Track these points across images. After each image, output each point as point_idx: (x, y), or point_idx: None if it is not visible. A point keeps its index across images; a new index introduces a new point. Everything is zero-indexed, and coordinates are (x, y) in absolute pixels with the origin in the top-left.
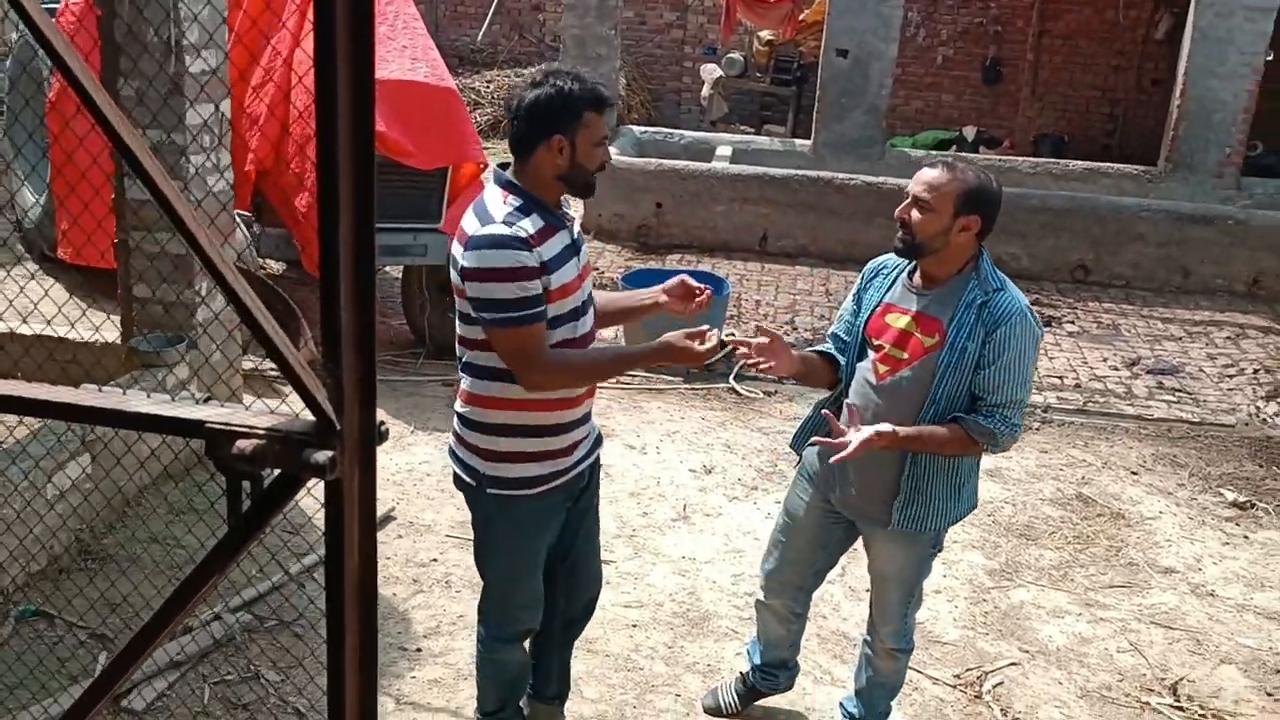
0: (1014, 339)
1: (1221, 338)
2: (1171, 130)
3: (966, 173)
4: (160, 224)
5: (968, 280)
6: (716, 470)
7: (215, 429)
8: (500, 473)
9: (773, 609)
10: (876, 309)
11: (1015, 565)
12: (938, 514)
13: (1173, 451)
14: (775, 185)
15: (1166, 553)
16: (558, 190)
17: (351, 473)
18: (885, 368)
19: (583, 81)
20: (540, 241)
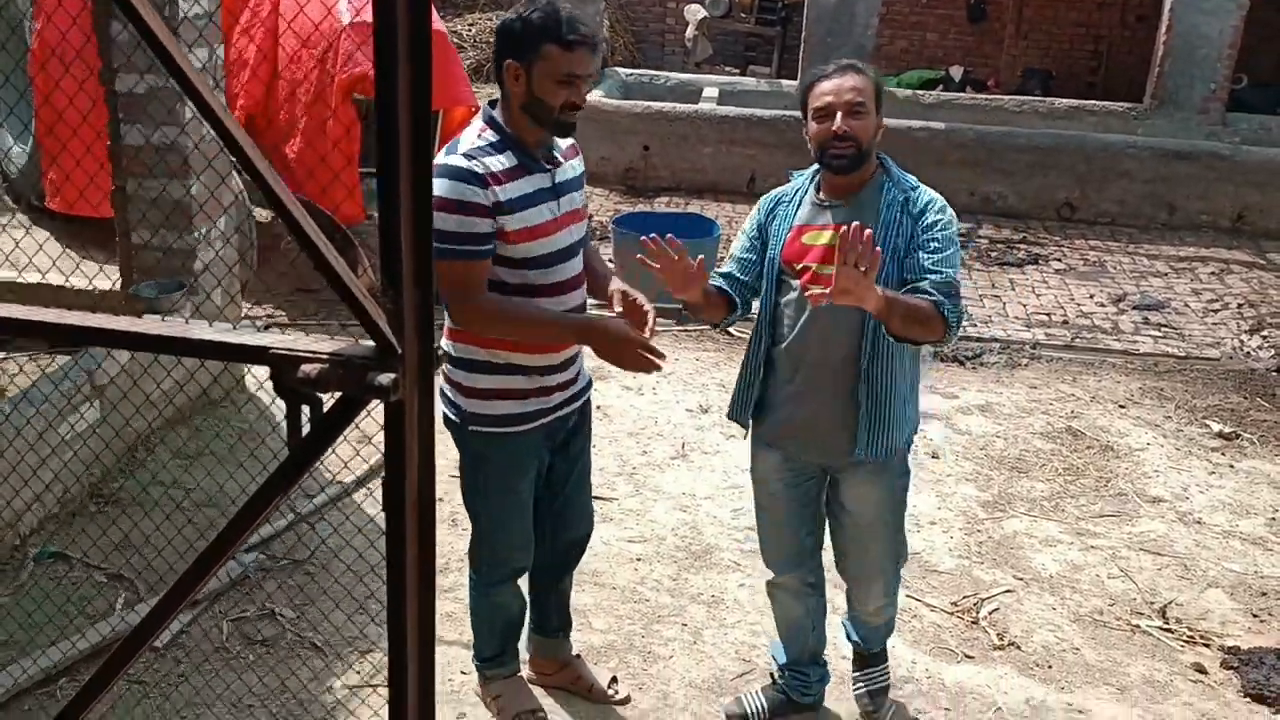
0: (943, 220)
1: (1206, 273)
2: (1157, 67)
3: (865, 68)
4: (158, 169)
5: (881, 183)
6: (712, 409)
7: (280, 354)
8: (481, 409)
9: (784, 586)
10: (788, 235)
11: (1007, 497)
12: (897, 433)
13: (1159, 385)
14: (762, 126)
15: (1154, 483)
16: (532, 126)
17: (412, 394)
18: (819, 288)
19: (551, 14)
20: (504, 181)
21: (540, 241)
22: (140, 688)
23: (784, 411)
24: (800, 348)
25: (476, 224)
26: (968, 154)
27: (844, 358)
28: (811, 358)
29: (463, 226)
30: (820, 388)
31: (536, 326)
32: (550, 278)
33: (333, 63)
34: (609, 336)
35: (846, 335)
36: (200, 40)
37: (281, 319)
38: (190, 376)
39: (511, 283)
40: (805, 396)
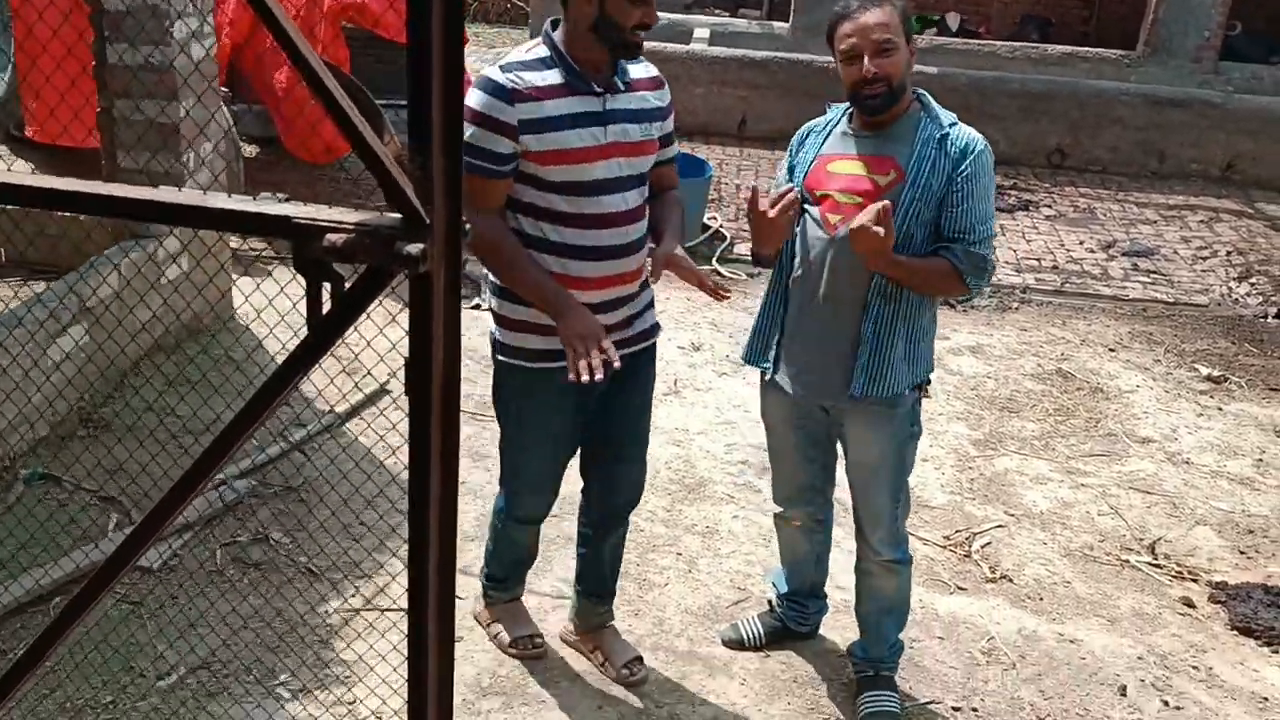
0: (983, 172)
1: (1195, 221)
2: (1150, 14)
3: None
4: (146, 90)
5: (916, 117)
6: (704, 347)
7: (302, 223)
8: (509, 340)
9: (793, 520)
10: (813, 164)
11: (999, 435)
12: (899, 375)
13: (1149, 330)
14: (754, 68)
15: (1144, 424)
16: (596, 47)
17: (439, 266)
18: (837, 216)
19: None
20: (541, 98)
21: (573, 168)
22: (130, 607)
23: (791, 351)
24: (813, 280)
25: (494, 141)
26: (959, 99)
27: (854, 295)
28: (824, 291)
29: (479, 140)
30: (826, 323)
31: (516, 274)
32: (581, 208)
33: None
34: (575, 326)
35: (860, 271)
36: None
37: (268, 253)
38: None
39: (539, 205)
40: (811, 333)
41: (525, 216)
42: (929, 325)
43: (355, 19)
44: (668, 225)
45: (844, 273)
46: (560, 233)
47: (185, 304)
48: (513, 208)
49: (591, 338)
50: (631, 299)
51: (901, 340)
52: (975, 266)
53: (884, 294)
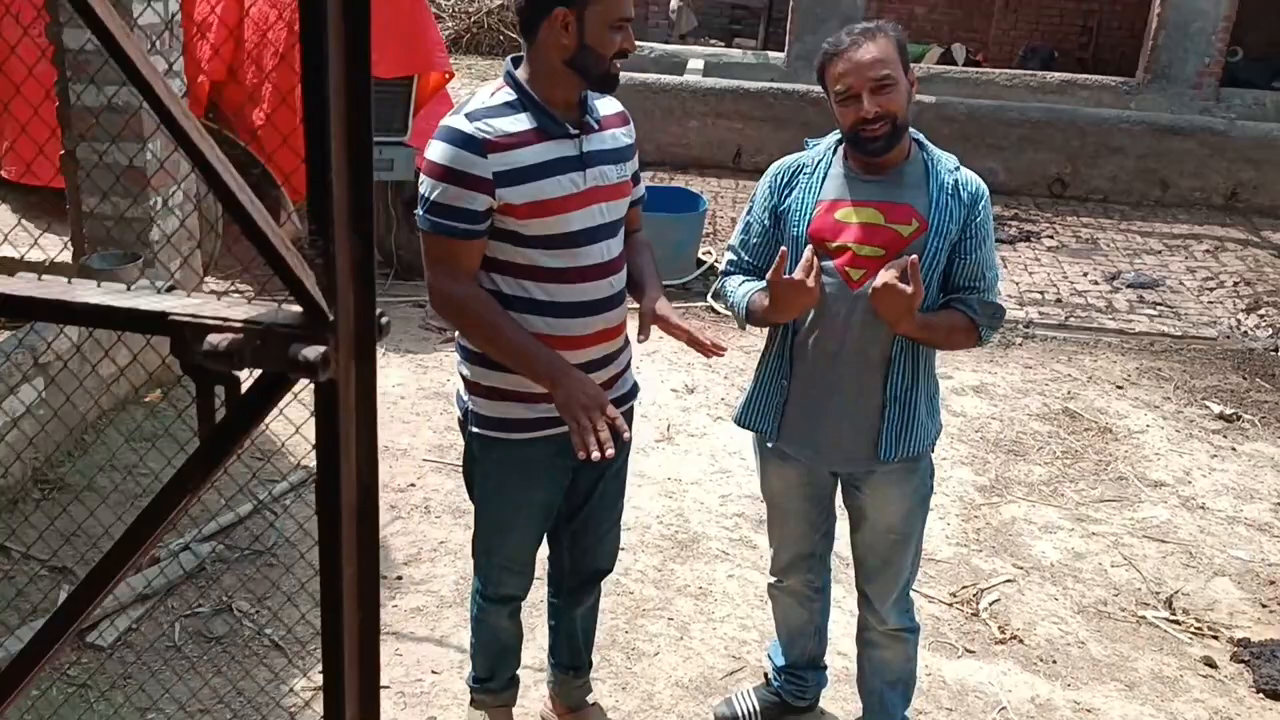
0: (990, 217)
1: (1201, 251)
2: (1150, 40)
3: (883, 26)
4: (110, 132)
5: (923, 161)
6: (698, 390)
7: (182, 321)
8: (483, 410)
9: (789, 590)
10: (815, 211)
11: (1005, 481)
12: (924, 435)
13: (1157, 365)
14: (749, 99)
15: (1155, 466)
16: (570, 83)
17: (348, 371)
18: (860, 270)
19: None
20: (514, 146)
21: (554, 219)
22: (77, 689)
23: (802, 415)
24: (831, 339)
25: (467, 198)
26: (958, 129)
27: (879, 354)
28: (846, 350)
29: (449, 198)
30: (847, 385)
31: (500, 342)
32: (564, 261)
33: None
34: (577, 396)
35: (885, 328)
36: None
37: (249, 294)
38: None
39: (518, 263)
40: (828, 396)
41: (504, 275)
42: (938, 382)
43: None
44: (647, 276)
45: (869, 330)
46: (546, 290)
47: (151, 354)
48: (488, 267)
49: (596, 407)
50: (617, 355)
51: (924, 395)
52: (990, 317)
53: (906, 349)
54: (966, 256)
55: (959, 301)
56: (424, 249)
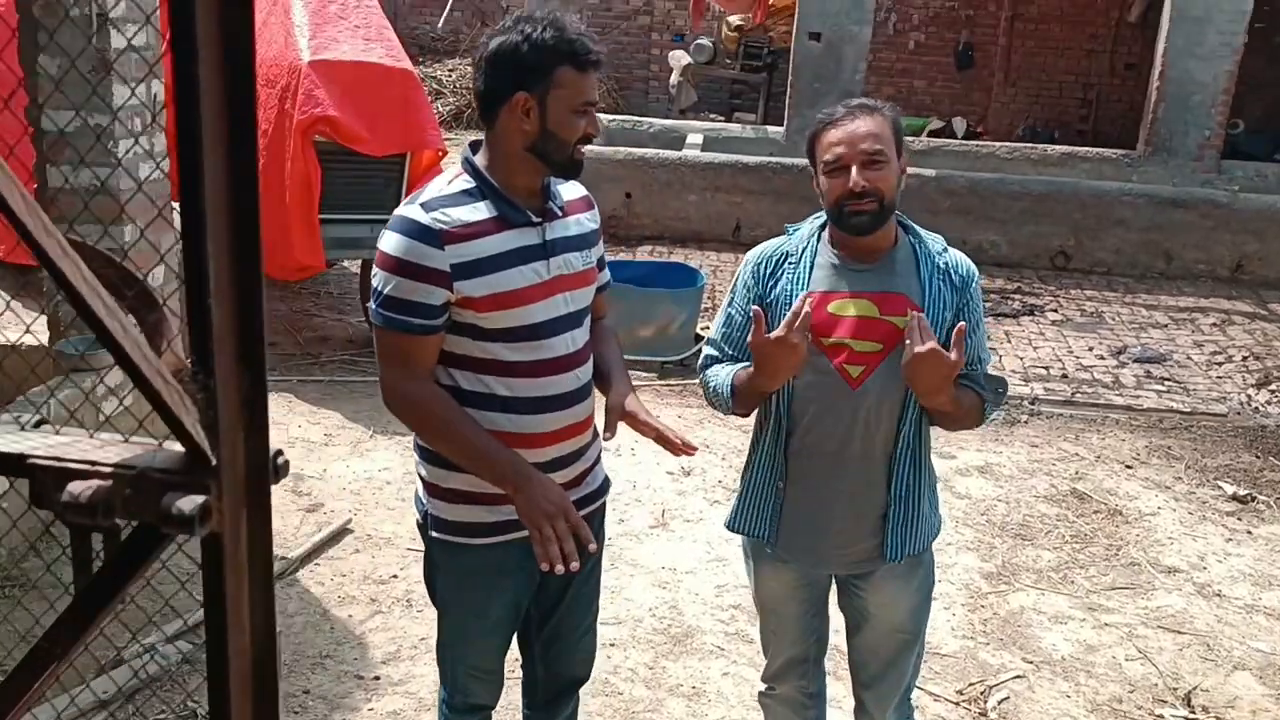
0: (979, 297)
1: (1207, 324)
2: (1150, 113)
3: (881, 106)
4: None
5: (910, 245)
6: (695, 472)
7: (41, 465)
8: (443, 513)
9: (783, 698)
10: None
11: (1012, 567)
12: (929, 530)
13: (1166, 443)
14: (748, 173)
15: (1168, 551)
16: (532, 169)
17: (235, 522)
18: (859, 367)
19: (560, 30)
20: (472, 236)
21: (516, 311)
22: None
23: (802, 520)
24: (831, 440)
25: (423, 292)
26: (959, 202)
27: (884, 452)
28: (851, 451)
29: (403, 292)
30: (853, 486)
31: (457, 444)
32: (526, 354)
33: (292, 102)
34: (539, 502)
35: (888, 421)
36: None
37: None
38: None
39: (478, 357)
40: (830, 500)
41: (462, 371)
42: (935, 473)
43: (329, 134)
44: (614, 367)
45: (875, 428)
46: (509, 385)
47: None
48: (445, 362)
49: (560, 514)
50: (585, 450)
51: (926, 489)
52: (995, 393)
53: (910, 444)
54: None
55: (964, 379)
56: (376, 345)
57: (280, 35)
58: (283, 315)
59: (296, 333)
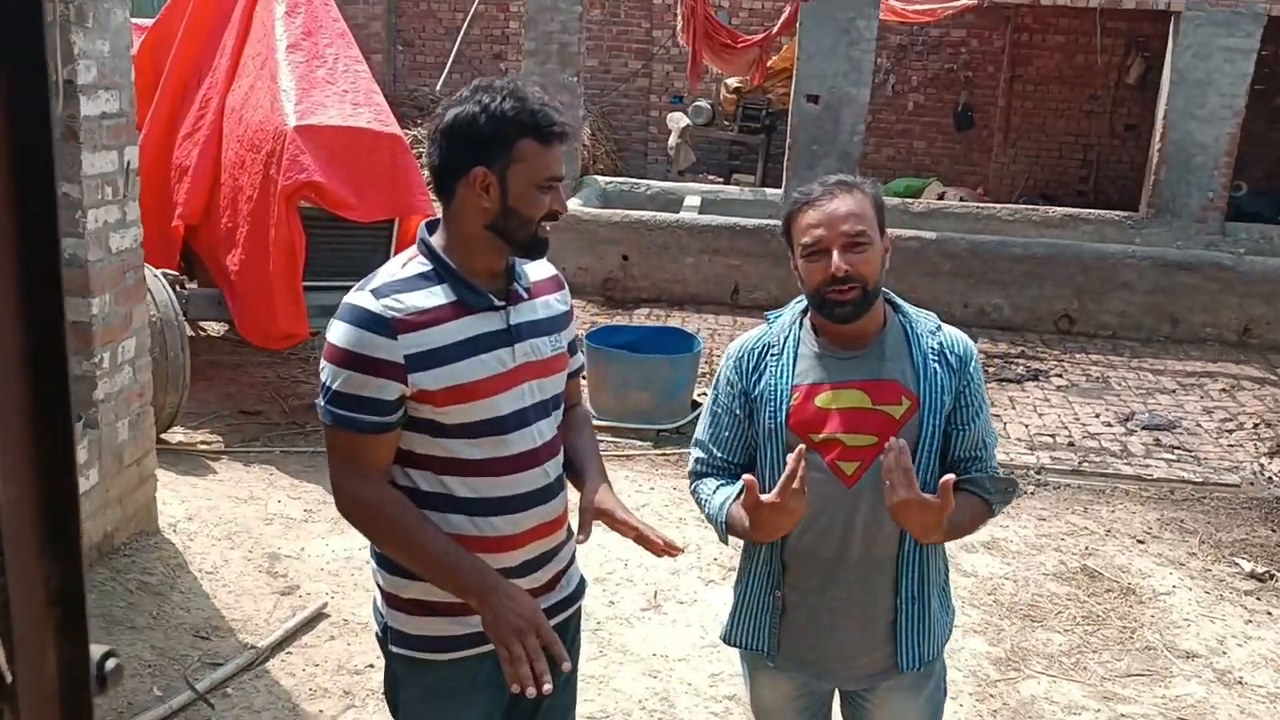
0: (979, 376)
1: (1216, 390)
2: (1152, 175)
3: (861, 183)
4: None
5: (899, 325)
6: (690, 549)
7: None
8: (404, 626)
9: None
10: (793, 399)
11: (1022, 652)
12: (941, 632)
13: (1179, 516)
14: (747, 236)
15: (1185, 634)
16: (493, 249)
17: None
18: (853, 464)
19: (521, 100)
20: (427, 324)
21: (477, 404)
22: None
23: (802, 631)
24: (828, 544)
25: (374, 386)
26: (960, 264)
27: (886, 554)
28: (851, 555)
29: (353, 387)
30: (852, 592)
31: (416, 553)
32: (488, 451)
33: (276, 168)
34: (508, 617)
35: (890, 525)
36: (103, 143)
37: (218, 444)
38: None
39: (437, 456)
40: (831, 609)
41: (420, 471)
42: (947, 563)
43: (314, 199)
44: (588, 460)
45: (873, 530)
46: (470, 485)
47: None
48: (402, 462)
49: (530, 629)
50: (558, 551)
51: (936, 587)
52: (1003, 492)
53: (916, 542)
54: (964, 427)
55: (968, 483)
56: (327, 444)
57: (266, 100)
58: (269, 382)
59: (282, 400)
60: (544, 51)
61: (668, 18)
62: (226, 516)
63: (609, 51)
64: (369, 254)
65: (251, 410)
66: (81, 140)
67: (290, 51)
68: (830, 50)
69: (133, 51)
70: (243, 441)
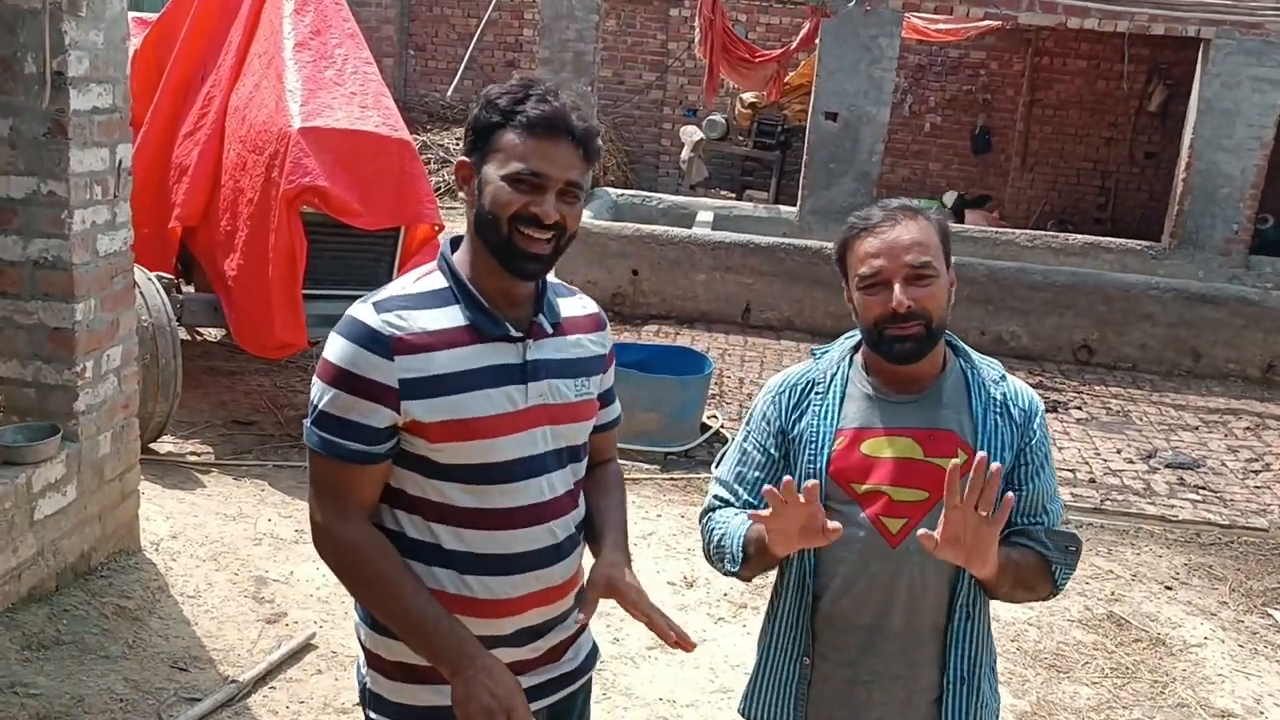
0: (1046, 436)
1: (1240, 428)
2: (1176, 205)
3: (927, 211)
4: (37, 289)
5: (960, 371)
6: (699, 583)
7: None
8: (385, 692)
9: None
10: (836, 443)
11: (1049, 706)
12: (990, 711)
13: (1207, 561)
14: (760, 254)
15: (1219, 690)
16: (496, 267)
17: None
18: (899, 520)
19: (518, 87)
20: (429, 347)
21: (477, 444)
22: None
23: (833, 704)
24: (866, 609)
25: (361, 409)
26: (978, 290)
27: (933, 624)
28: (890, 623)
29: (340, 409)
30: (891, 666)
31: (392, 606)
32: (484, 500)
33: (279, 171)
34: (480, 696)
35: (937, 587)
36: (93, 139)
37: (208, 456)
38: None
39: (428, 499)
40: (869, 680)
41: (408, 514)
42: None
43: (317, 204)
44: (609, 527)
45: (921, 595)
46: (461, 537)
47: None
48: (392, 502)
49: (500, 715)
50: (562, 620)
51: (987, 671)
52: (1065, 552)
53: (969, 614)
54: (1023, 487)
55: (1021, 537)
56: (309, 470)
57: (271, 100)
58: (265, 390)
59: (277, 410)
60: (558, 60)
61: (684, 30)
62: (213, 535)
63: (623, 62)
64: (372, 262)
65: (245, 420)
66: (70, 136)
67: (297, 50)
68: (851, 68)
69: (131, 45)
70: (234, 454)
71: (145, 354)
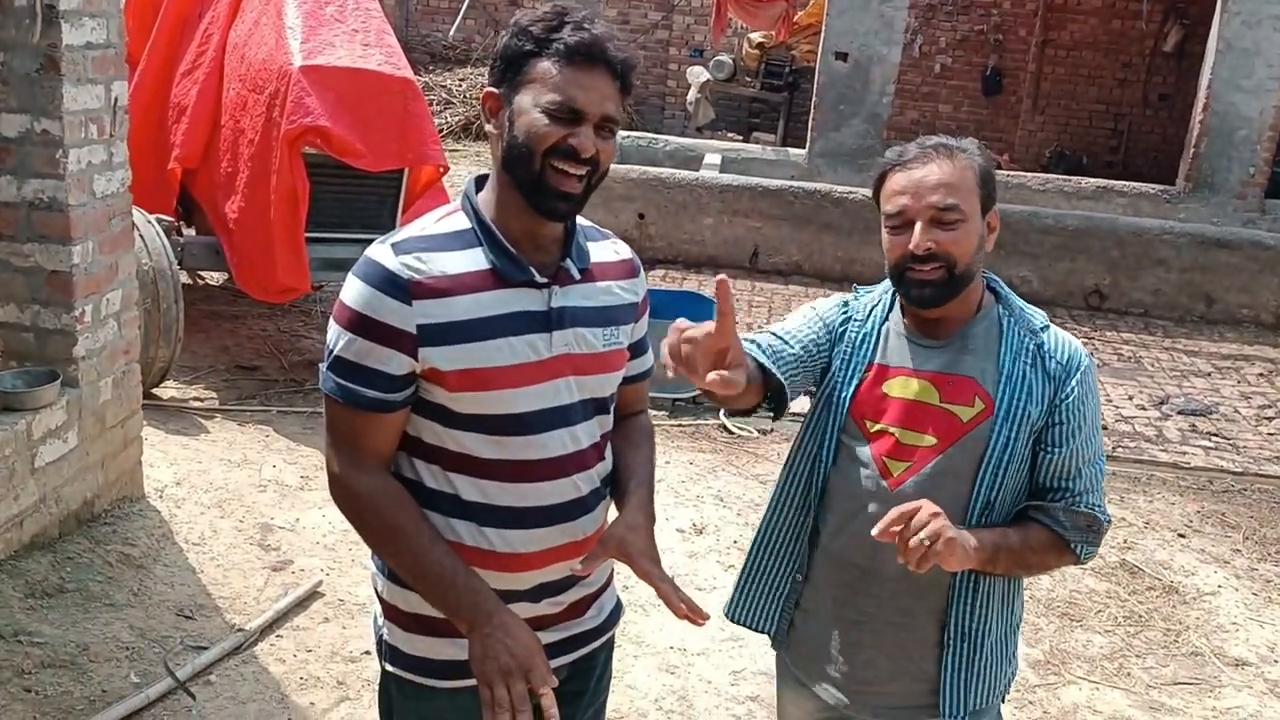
0: (1091, 395)
1: (1253, 374)
2: (1191, 147)
3: (965, 146)
4: (32, 231)
5: (994, 316)
6: (708, 530)
7: None
8: (402, 644)
9: None
10: (864, 374)
11: (1062, 654)
12: (993, 684)
13: (1220, 509)
14: (768, 197)
15: (1233, 638)
16: (523, 206)
17: None
18: (902, 464)
19: (549, 19)
20: (450, 292)
21: (496, 394)
22: None
23: (818, 635)
24: (859, 548)
25: (377, 355)
26: None
27: (931, 575)
28: (883, 567)
29: (357, 355)
30: (883, 610)
31: (408, 558)
32: (504, 451)
33: (280, 110)
34: (497, 653)
35: None
36: (86, 76)
37: (212, 401)
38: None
39: (446, 449)
40: (860, 621)
41: (426, 463)
42: (1021, 605)
43: (319, 145)
44: (635, 484)
45: None
46: (480, 488)
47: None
48: (411, 450)
49: (519, 674)
50: (586, 575)
51: (1001, 629)
52: (1086, 529)
53: (973, 574)
54: (1054, 449)
55: (1038, 511)
56: (325, 418)
57: (271, 37)
58: (269, 335)
59: (281, 355)
60: None
61: None
62: (217, 482)
63: (628, 2)
64: (376, 205)
65: (249, 365)
66: (63, 72)
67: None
68: (862, 6)
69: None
70: (238, 399)
71: (146, 298)
